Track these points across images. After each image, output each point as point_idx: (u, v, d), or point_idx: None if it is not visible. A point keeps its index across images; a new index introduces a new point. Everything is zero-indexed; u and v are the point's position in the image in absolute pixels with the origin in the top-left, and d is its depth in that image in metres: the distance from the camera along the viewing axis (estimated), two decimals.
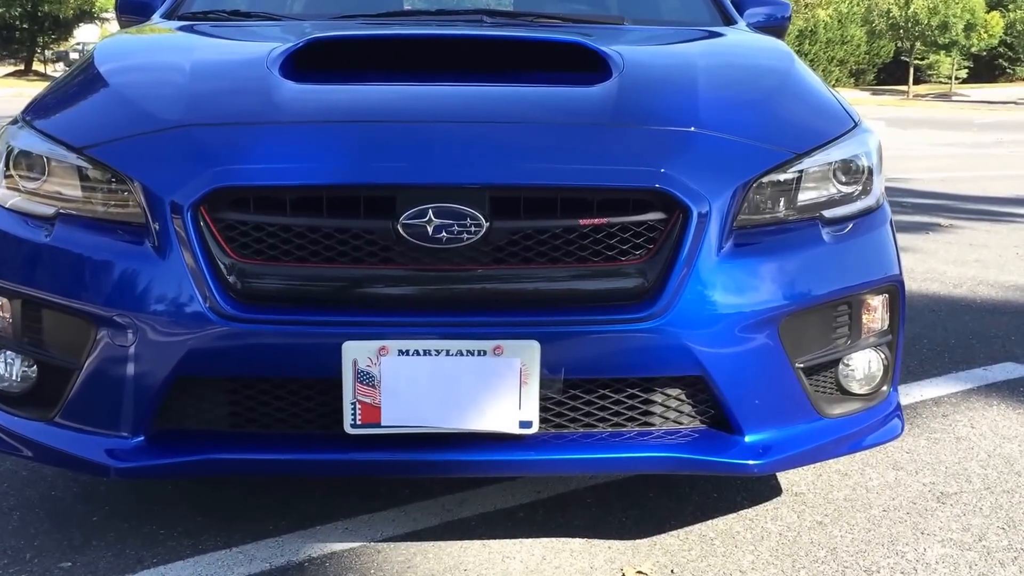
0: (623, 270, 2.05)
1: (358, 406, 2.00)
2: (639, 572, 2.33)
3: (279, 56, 2.41)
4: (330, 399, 2.05)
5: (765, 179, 2.17)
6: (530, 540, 2.51)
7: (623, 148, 2.13)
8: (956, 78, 55.63)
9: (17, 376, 2.18)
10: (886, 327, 2.34)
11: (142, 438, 2.07)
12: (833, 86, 2.74)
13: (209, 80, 2.37)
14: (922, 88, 54.59)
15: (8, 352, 2.19)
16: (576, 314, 2.01)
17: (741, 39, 3.18)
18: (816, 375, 2.26)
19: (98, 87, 2.44)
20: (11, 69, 52.06)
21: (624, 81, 2.35)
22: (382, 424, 2.00)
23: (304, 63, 2.43)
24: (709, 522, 2.65)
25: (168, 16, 3.34)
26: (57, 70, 53.97)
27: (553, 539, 2.52)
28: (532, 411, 2.01)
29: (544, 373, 2.00)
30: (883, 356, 2.34)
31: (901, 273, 2.35)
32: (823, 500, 2.81)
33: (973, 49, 53.62)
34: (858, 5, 54.07)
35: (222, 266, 2.00)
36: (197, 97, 2.24)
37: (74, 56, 50.61)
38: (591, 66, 2.45)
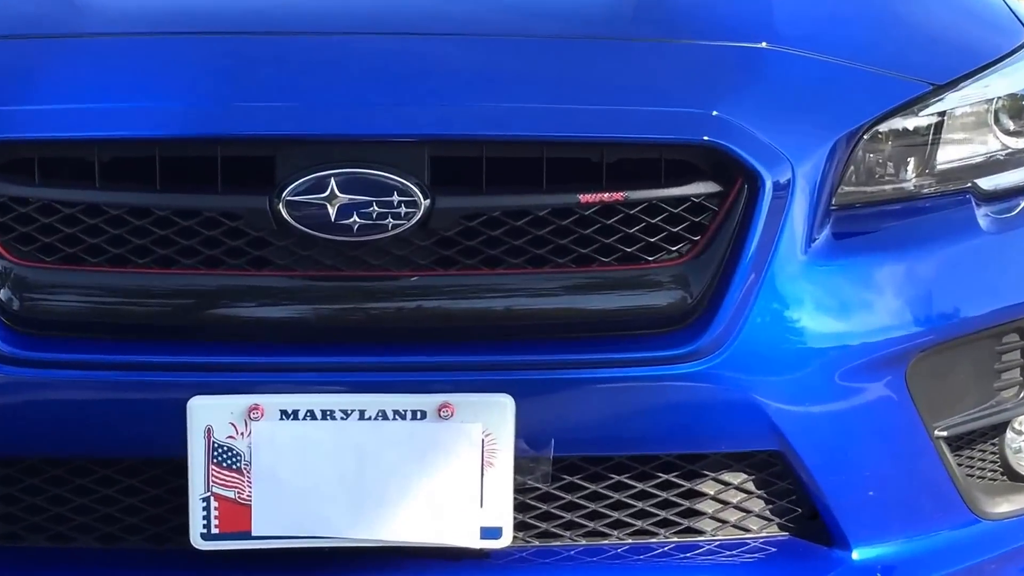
0: (650, 277, 1.79)
1: (214, 504, 1.74)
2: None
3: None
4: (168, 493, 1.79)
5: (884, 127, 1.93)
6: None
7: (650, 77, 1.88)
8: None
9: None
10: None
11: None
12: None
13: None
14: None
15: None
16: (573, 350, 1.78)
17: None
18: (968, 449, 2.02)
19: None
20: None
21: None
22: (253, 533, 1.75)
23: None
24: None
25: None
26: None
27: None
28: (501, 511, 1.76)
29: (521, 448, 1.75)
30: None
31: None
32: None
33: None
34: None
35: None
36: None
37: None
38: None
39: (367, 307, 1.76)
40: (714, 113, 1.79)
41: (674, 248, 1.78)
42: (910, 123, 1.95)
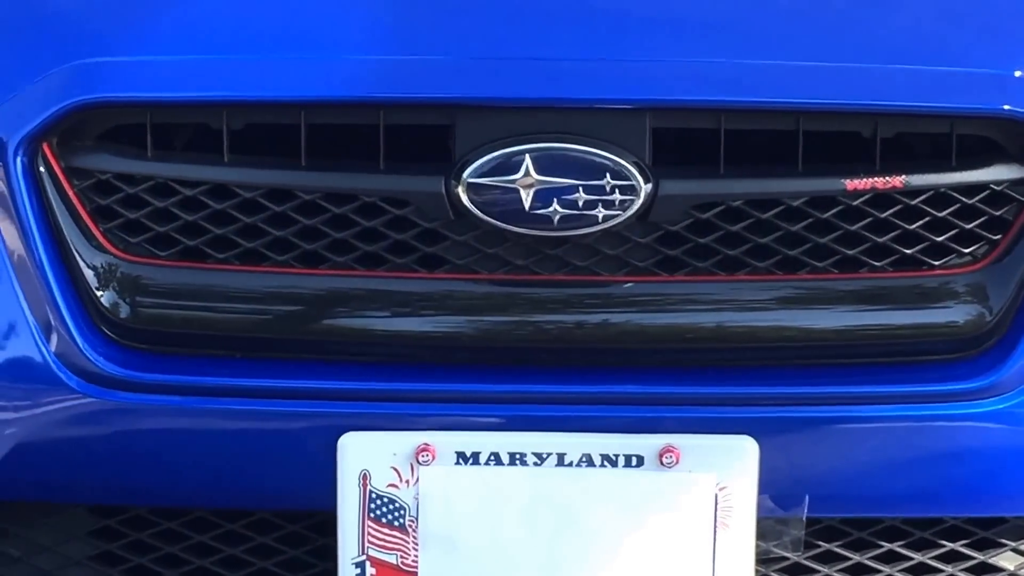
0: (937, 287, 1.61)
1: (370, 570, 1.58)
2: None
3: None
4: (310, 555, 1.65)
5: None
6: None
7: (930, 26, 1.69)
8: None
9: None
10: None
11: None
12: None
13: None
14: None
15: None
16: (834, 381, 1.59)
17: None
18: None
19: None
20: None
21: None
22: None
23: None
24: None
25: None
26: None
27: None
28: None
29: (766, 506, 1.57)
30: None
31: None
32: None
33: None
34: None
35: (87, 269, 1.61)
36: None
37: None
38: None
39: (570, 321, 1.59)
40: (1017, 74, 1.57)
41: (967, 250, 1.57)
42: None
